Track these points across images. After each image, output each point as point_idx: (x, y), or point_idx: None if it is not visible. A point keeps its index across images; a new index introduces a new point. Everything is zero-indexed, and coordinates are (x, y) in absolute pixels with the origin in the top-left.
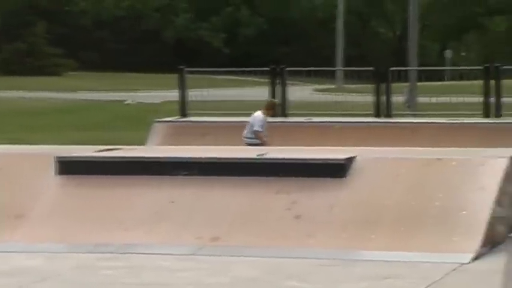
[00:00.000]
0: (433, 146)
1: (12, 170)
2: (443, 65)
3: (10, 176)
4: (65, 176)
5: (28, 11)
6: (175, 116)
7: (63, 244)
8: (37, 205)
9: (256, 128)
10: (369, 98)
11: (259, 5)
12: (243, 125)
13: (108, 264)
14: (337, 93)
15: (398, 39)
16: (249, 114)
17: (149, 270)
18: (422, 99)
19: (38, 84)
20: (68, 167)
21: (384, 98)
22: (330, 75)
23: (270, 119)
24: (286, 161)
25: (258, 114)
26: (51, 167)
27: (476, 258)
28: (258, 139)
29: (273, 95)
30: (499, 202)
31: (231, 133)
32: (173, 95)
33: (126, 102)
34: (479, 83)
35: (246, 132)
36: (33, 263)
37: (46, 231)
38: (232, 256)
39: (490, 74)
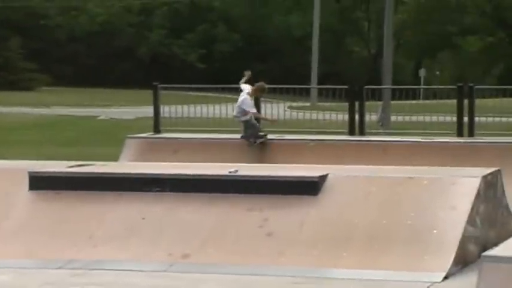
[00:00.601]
0: (406, 165)
1: None
2: (418, 84)
3: None
4: (37, 192)
5: (2, 24)
6: (149, 132)
7: (33, 260)
8: (8, 220)
9: (249, 110)
10: (343, 116)
11: (236, 22)
12: (216, 142)
13: (78, 281)
14: (312, 111)
15: (373, 57)
16: (223, 131)
17: (119, 286)
18: (395, 118)
19: (11, 99)
20: (41, 183)
21: (357, 116)
22: (305, 93)
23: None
24: (258, 178)
25: (246, 97)
26: (24, 182)
27: (447, 277)
28: (247, 115)
29: None
30: (470, 221)
31: (203, 149)
32: (147, 111)
33: (99, 118)
34: (453, 102)
35: (236, 111)
36: (3, 279)
37: (16, 246)
38: (203, 273)
39: (464, 93)
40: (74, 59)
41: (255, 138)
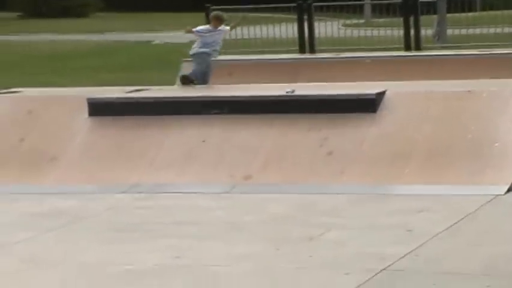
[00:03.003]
0: (464, 78)
1: (45, 112)
2: None
3: (43, 118)
4: (96, 118)
5: None
6: None
7: (97, 185)
8: (70, 147)
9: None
10: (399, 32)
11: None
12: (270, 63)
13: (142, 204)
14: (367, 28)
15: None
16: (277, 52)
17: (183, 209)
18: (452, 31)
19: (64, 26)
20: (100, 109)
21: (413, 31)
22: (358, 10)
23: (298, 56)
24: (315, 98)
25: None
26: (84, 109)
27: (510, 189)
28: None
29: (301, 32)
30: None
31: (258, 71)
32: None
33: (154, 43)
34: (510, 12)
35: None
36: (68, 204)
37: (80, 172)
38: (265, 194)
39: None
40: None
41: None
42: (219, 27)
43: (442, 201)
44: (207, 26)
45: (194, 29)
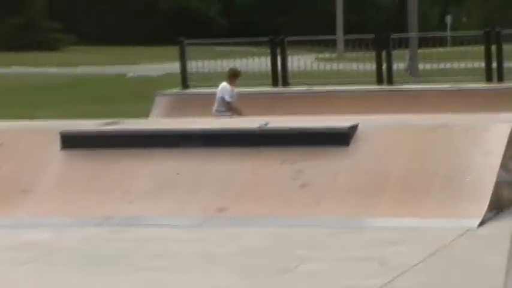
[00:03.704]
0: (435, 112)
1: (17, 145)
2: (444, 31)
3: (15, 151)
4: (69, 150)
5: None
6: (177, 88)
7: (70, 218)
8: (43, 179)
9: (227, 99)
10: (371, 66)
11: None
12: (244, 96)
13: (115, 237)
14: (339, 62)
15: (398, 5)
16: (249, 85)
17: (157, 242)
18: (423, 66)
19: (38, 59)
20: (72, 141)
21: (385, 65)
22: (331, 44)
23: (271, 89)
24: (289, 131)
25: (225, 85)
26: (56, 142)
27: (483, 222)
28: (229, 111)
29: (275, 66)
30: (504, 167)
31: None
32: (172, 67)
33: (127, 76)
34: (481, 48)
35: (216, 105)
36: (41, 237)
37: (52, 205)
38: (239, 226)
39: (491, 39)
40: (99, 17)
41: None
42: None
43: (416, 233)
44: (229, 88)
45: (228, 100)
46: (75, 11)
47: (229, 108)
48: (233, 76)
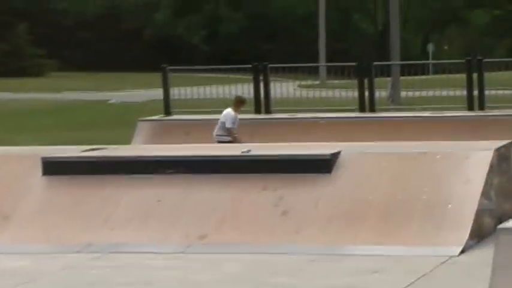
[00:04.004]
0: (417, 140)
1: None
2: (426, 59)
3: None
4: (51, 177)
5: (9, 11)
6: (160, 114)
7: (51, 245)
8: (24, 206)
9: (228, 125)
10: (353, 93)
11: (240, 1)
12: None
13: (96, 264)
14: (322, 89)
15: (381, 33)
16: None
17: (138, 269)
18: (405, 94)
19: (22, 85)
20: (54, 168)
21: (367, 93)
22: (314, 71)
23: (254, 116)
24: (271, 158)
25: (229, 111)
26: (38, 168)
27: (464, 251)
28: (229, 136)
29: (257, 92)
30: (485, 195)
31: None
32: (156, 93)
33: (110, 102)
34: (462, 76)
35: (217, 129)
36: (21, 264)
37: (33, 232)
38: (220, 253)
39: (472, 67)
40: (82, 43)
41: None
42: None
43: (397, 261)
44: (233, 115)
45: (230, 127)
46: (57, 37)
47: (230, 134)
48: (239, 103)
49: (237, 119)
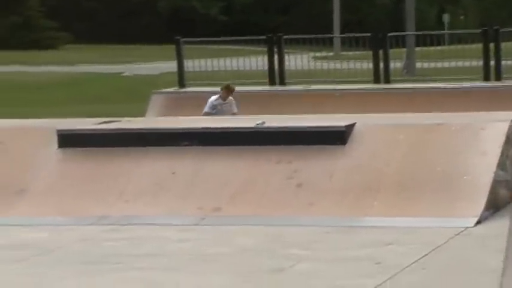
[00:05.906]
0: (432, 111)
1: (14, 144)
2: (441, 30)
3: (11, 150)
4: (66, 149)
5: None
6: (174, 87)
7: (66, 217)
8: (39, 179)
9: (205, 110)
10: (368, 65)
11: None
12: (240, 95)
13: (111, 236)
14: (336, 60)
15: (396, 3)
16: (247, 84)
17: (152, 241)
18: (421, 65)
19: (35, 58)
20: (70, 140)
21: (382, 64)
22: (328, 43)
23: (268, 88)
24: (286, 130)
25: (213, 99)
26: (53, 141)
27: (479, 222)
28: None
29: (271, 64)
30: (501, 166)
31: None
32: (170, 66)
33: (123, 74)
34: (478, 46)
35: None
36: (37, 236)
37: (48, 204)
38: (234, 226)
39: (489, 37)
40: (95, 16)
41: None
42: (228, 99)
43: (411, 233)
44: (214, 98)
45: (204, 111)
46: (69, 9)
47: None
48: (226, 90)
49: (218, 106)
